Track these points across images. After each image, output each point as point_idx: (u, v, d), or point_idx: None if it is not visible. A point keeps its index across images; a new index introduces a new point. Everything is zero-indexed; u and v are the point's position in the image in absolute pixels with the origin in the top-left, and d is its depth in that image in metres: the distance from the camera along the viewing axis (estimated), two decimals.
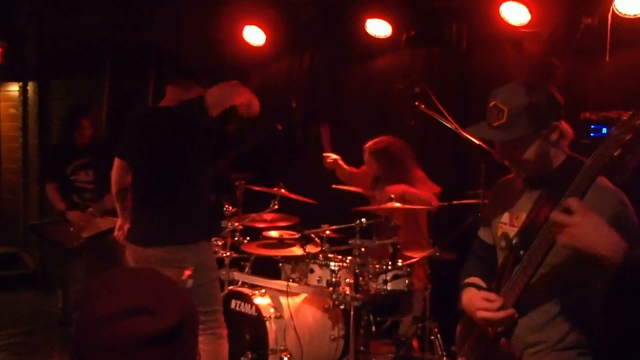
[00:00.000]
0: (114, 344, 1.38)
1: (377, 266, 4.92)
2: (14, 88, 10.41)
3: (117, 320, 1.38)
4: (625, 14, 4.75)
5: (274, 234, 5.58)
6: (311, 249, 5.28)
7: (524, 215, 2.64)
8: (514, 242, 2.58)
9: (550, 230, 2.25)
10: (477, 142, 4.67)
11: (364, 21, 6.14)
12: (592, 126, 4.51)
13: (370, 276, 4.89)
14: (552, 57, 5.18)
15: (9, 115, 10.71)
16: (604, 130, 4.47)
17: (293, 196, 5.52)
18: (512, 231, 2.67)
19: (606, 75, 4.99)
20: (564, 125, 2.60)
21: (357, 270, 4.79)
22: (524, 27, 5.25)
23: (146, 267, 1.62)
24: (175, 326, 1.41)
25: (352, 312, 4.78)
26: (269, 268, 5.59)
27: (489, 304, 2.53)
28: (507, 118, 2.49)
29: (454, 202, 5.22)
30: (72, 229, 6.13)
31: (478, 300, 2.59)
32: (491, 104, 2.54)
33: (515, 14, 5.22)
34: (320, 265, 5.12)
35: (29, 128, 10.00)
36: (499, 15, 5.28)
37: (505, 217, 2.74)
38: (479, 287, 2.77)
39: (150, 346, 1.38)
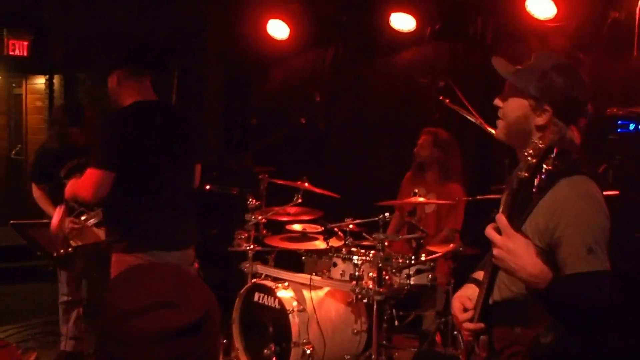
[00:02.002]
0: (139, 338, 1.39)
1: (401, 260, 4.91)
2: (40, 81, 10.52)
3: (141, 314, 1.39)
4: None
5: (297, 227, 5.58)
6: (334, 242, 5.29)
7: None
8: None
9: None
10: None
11: (388, 15, 6.13)
12: (619, 122, 4.48)
13: (394, 270, 4.89)
14: (578, 51, 5.14)
15: (35, 107, 10.82)
16: (632, 125, 4.44)
17: (316, 190, 5.51)
18: None
19: (634, 70, 4.94)
20: (574, 133, 2.43)
21: (380, 265, 4.78)
22: (550, 21, 5.21)
23: (166, 263, 1.63)
24: (198, 319, 1.43)
25: (375, 306, 4.78)
26: (292, 261, 5.59)
27: (461, 314, 2.54)
28: (525, 66, 2.46)
29: (478, 196, 5.20)
30: (61, 235, 5.39)
31: (456, 306, 2.58)
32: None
33: (541, 8, 5.19)
34: (344, 259, 5.12)
35: None
36: (525, 9, 5.25)
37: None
38: (479, 283, 2.66)
39: (174, 340, 1.39)
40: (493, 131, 4.60)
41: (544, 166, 2.03)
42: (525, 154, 2.04)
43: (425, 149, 5.62)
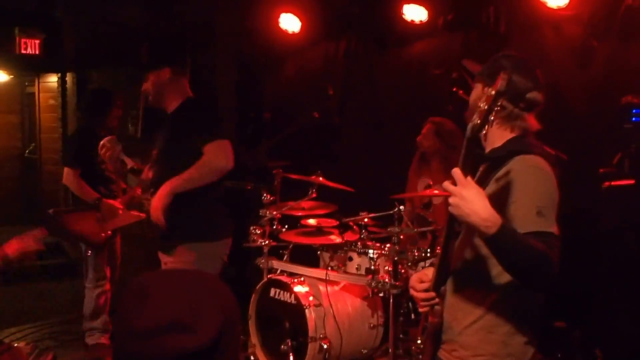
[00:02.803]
0: (153, 358, 1.37)
1: (417, 253, 4.90)
2: (52, 79, 10.53)
3: (155, 336, 1.37)
4: None
5: (312, 222, 5.57)
6: (349, 236, 5.28)
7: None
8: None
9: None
10: None
11: (400, 6, 6.09)
12: (634, 110, 4.43)
13: (409, 264, 4.88)
14: (592, 40, 5.09)
15: (48, 106, 10.85)
16: None
17: (331, 184, 5.50)
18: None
19: None
20: (529, 122, 2.61)
21: (396, 258, 4.78)
22: (563, 9, 5.15)
23: (182, 270, 1.59)
24: (214, 340, 1.40)
25: (391, 300, 4.78)
26: (307, 256, 5.59)
27: (417, 284, 2.70)
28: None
29: None
30: (98, 221, 5.55)
31: (413, 279, 2.76)
32: None
33: None
34: (359, 253, 5.11)
35: (68, 118, 10.11)
36: None
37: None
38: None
39: None
40: None
41: (495, 108, 2.19)
42: (478, 103, 2.22)
43: (428, 139, 5.52)
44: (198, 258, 4.06)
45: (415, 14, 6.08)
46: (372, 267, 4.91)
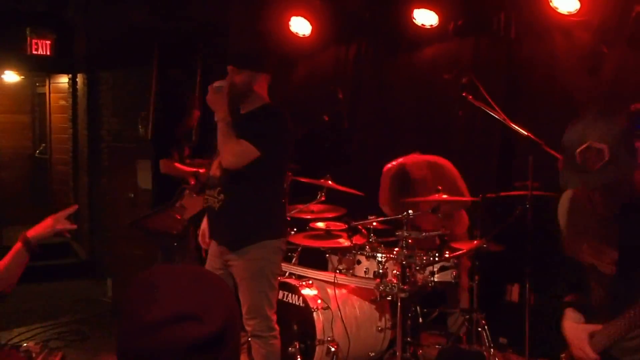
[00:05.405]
0: (160, 351, 1.37)
1: (425, 258, 4.91)
2: (63, 80, 10.58)
3: (163, 327, 1.38)
4: None
5: (321, 225, 5.59)
6: (358, 240, 5.29)
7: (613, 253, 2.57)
8: (616, 284, 2.55)
9: None
10: (525, 133, 4.64)
11: (411, 11, 6.10)
12: None
13: (418, 268, 4.89)
14: (602, 46, 5.09)
15: (59, 106, 10.90)
16: None
17: (340, 187, 5.52)
18: (601, 265, 2.62)
19: None
20: None
21: (404, 262, 4.78)
22: (574, 15, 5.16)
23: (188, 265, 1.60)
24: (220, 331, 1.42)
25: (399, 304, 4.78)
26: (316, 259, 5.60)
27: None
28: (609, 154, 2.31)
29: (502, 193, 5.17)
30: (177, 213, 6.15)
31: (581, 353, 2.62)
32: (583, 147, 2.35)
33: (565, 2, 5.14)
34: (367, 257, 5.12)
35: (78, 119, 10.15)
36: (548, 3, 5.20)
37: (586, 247, 2.69)
38: (578, 307, 2.76)
39: (195, 352, 1.38)
40: (516, 127, 4.61)
41: None
42: None
43: (422, 171, 5.68)
44: (266, 254, 4.25)
45: (425, 18, 6.09)
46: (381, 271, 4.92)
